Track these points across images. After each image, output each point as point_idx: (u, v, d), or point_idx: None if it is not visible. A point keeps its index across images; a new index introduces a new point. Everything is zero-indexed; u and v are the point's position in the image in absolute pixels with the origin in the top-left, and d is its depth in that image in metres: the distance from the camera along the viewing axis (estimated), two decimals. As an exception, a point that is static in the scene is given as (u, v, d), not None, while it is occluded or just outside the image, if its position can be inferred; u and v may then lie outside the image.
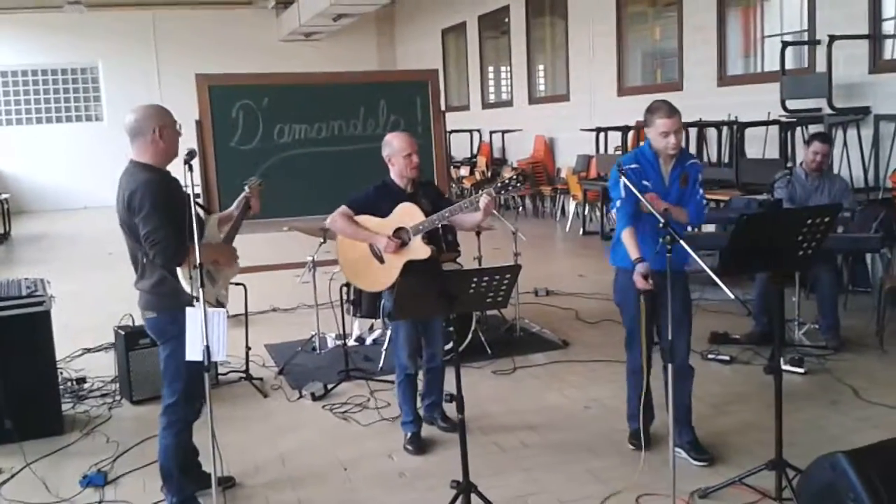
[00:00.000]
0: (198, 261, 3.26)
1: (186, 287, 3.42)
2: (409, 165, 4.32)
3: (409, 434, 4.48)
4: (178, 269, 3.43)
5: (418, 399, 4.61)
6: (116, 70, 18.52)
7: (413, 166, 4.33)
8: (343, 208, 4.37)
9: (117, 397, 5.32)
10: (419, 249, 4.25)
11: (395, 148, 4.33)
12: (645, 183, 3.99)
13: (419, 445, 4.42)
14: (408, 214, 4.27)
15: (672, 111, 3.96)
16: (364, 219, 4.36)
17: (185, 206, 3.34)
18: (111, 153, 16.91)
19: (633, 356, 4.21)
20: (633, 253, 3.95)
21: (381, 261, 4.33)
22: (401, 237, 4.26)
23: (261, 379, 5.62)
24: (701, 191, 4.16)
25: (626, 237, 4.00)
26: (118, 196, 3.55)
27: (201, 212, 3.76)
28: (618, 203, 4.03)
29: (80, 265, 10.73)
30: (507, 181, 4.18)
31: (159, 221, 3.38)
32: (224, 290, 3.73)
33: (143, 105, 3.64)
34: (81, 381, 5.54)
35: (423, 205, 4.30)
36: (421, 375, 4.61)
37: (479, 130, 15.96)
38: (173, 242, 3.38)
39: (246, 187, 3.95)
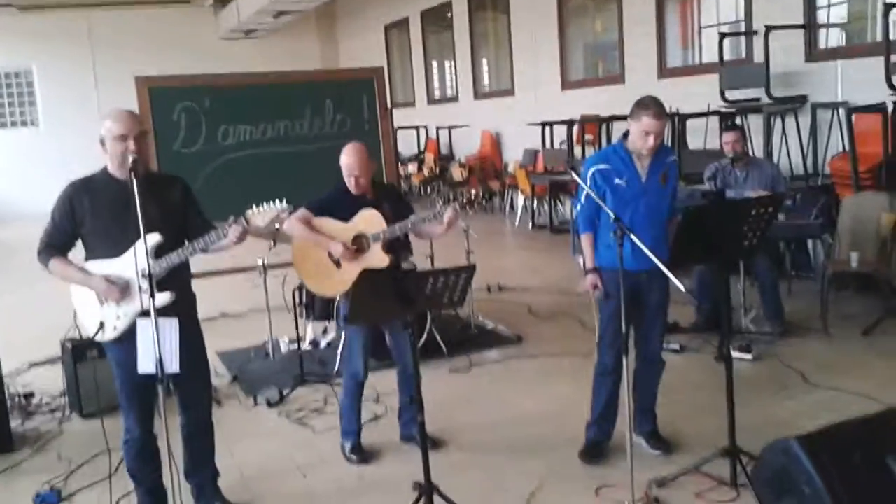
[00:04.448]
0: (150, 271, 3.21)
1: (73, 300, 3.55)
2: (350, 185, 4.22)
3: (350, 444, 4.39)
4: None
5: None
6: (52, 74, 17.99)
7: (354, 186, 4.20)
8: (302, 211, 4.17)
9: (67, 412, 5.20)
10: (377, 257, 4.10)
11: (342, 164, 4.21)
12: (618, 181, 3.92)
13: (363, 455, 4.36)
14: (369, 221, 4.13)
15: (661, 113, 3.82)
16: (324, 222, 4.19)
17: (117, 213, 3.37)
18: (48, 160, 16.80)
19: (601, 359, 4.11)
20: (588, 262, 4.03)
21: (339, 266, 4.19)
22: (360, 244, 4.14)
23: (214, 388, 5.53)
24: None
25: (585, 244, 4.06)
26: None
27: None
28: (577, 207, 4.09)
29: (19, 276, 10.39)
30: (472, 197, 4.10)
31: (52, 214, 3.49)
32: (117, 318, 3.49)
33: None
34: (29, 396, 5.40)
35: (384, 210, 4.16)
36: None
37: (425, 127, 15.93)
38: (44, 238, 3.47)
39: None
